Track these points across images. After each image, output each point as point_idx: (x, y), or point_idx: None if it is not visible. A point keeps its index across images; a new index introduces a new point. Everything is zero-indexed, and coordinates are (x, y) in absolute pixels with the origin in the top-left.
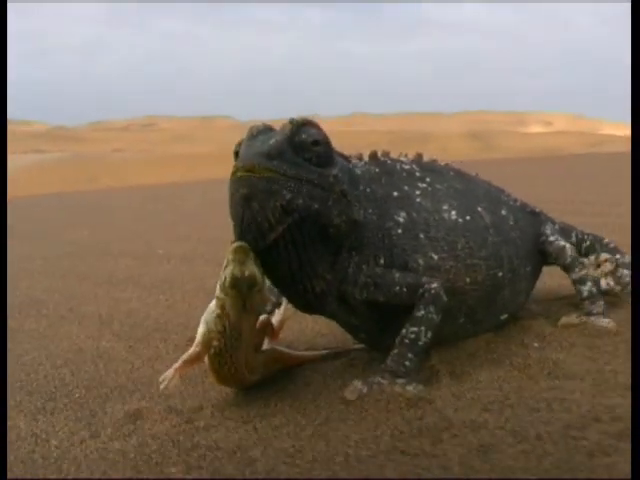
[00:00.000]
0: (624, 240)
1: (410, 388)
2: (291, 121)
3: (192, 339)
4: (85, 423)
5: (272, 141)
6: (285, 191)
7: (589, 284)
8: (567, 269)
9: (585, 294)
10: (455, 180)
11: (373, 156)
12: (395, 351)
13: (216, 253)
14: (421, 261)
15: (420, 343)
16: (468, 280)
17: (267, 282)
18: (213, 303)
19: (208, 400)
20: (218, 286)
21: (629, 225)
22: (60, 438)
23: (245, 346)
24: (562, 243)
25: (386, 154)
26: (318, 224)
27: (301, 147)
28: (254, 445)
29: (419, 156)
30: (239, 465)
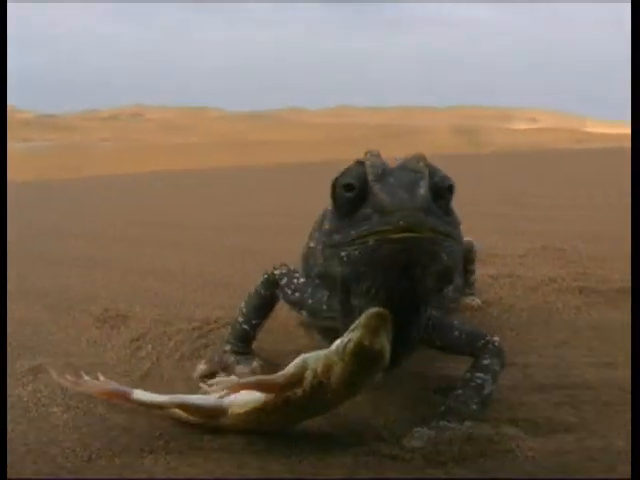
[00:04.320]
0: (613, 232)
1: (484, 431)
2: (418, 159)
3: (109, 309)
4: None
5: (422, 191)
6: (443, 253)
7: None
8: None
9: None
10: None
11: None
12: (459, 392)
13: (168, 236)
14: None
15: (486, 391)
16: None
17: None
18: (321, 352)
19: (103, 359)
20: (335, 345)
21: (609, 217)
22: None
23: (307, 415)
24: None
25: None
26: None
27: (437, 194)
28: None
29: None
30: (109, 406)
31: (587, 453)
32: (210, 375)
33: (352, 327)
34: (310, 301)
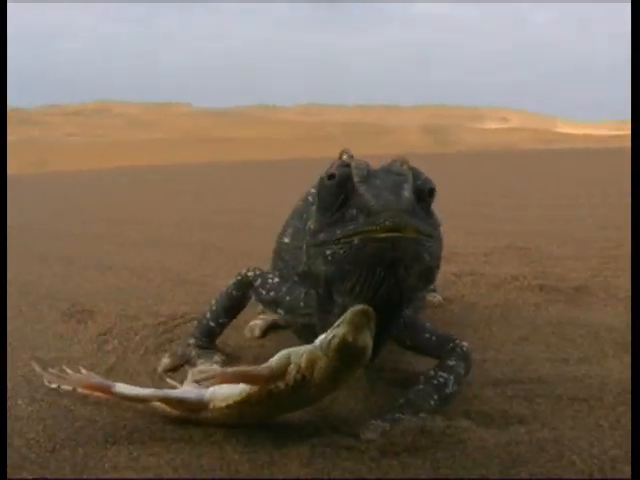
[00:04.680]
0: (576, 232)
1: (437, 423)
2: (402, 162)
3: (75, 304)
4: None
5: (406, 193)
6: (425, 254)
7: None
8: None
9: None
10: None
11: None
12: (420, 387)
13: (131, 233)
14: None
15: (447, 391)
16: None
17: None
18: (304, 346)
19: (70, 353)
20: (319, 340)
21: (574, 217)
22: None
23: (290, 407)
24: None
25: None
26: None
27: (419, 196)
28: None
29: None
30: (74, 398)
31: (538, 444)
32: (173, 369)
33: (337, 323)
34: (288, 298)
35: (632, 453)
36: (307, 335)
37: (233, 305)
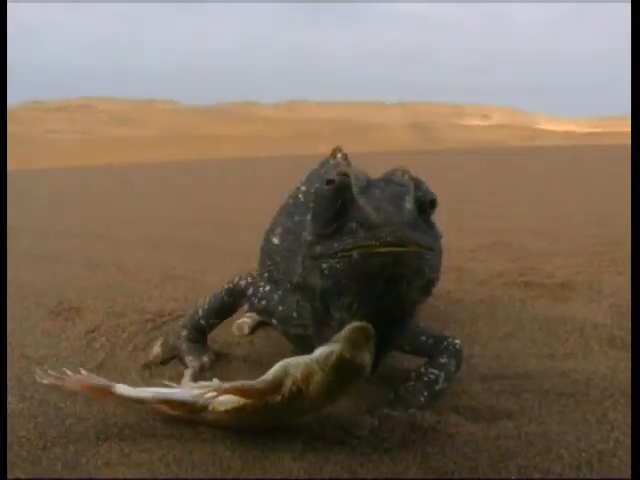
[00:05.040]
0: (563, 229)
1: (426, 418)
2: (403, 172)
3: (63, 302)
4: None
5: (408, 206)
6: (426, 268)
7: None
8: None
9: None
10: None
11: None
12: (411, 384)
13: (117, 231)
14: None
15: (437, 387)
16: None
17: None
18: (302, 358)
19: (58, 350)
20: (317, 353)
21: (560, 214)
22: None
23: (285, 419)
24: None
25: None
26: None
27: (421, 208)
28: None
29: None
30: (65, 396)
31: (526, 438)
32: (163, 361)
33: (334, 339)
34: (280, 308)
35: (632, 454)
36: (301, 345)
37: (224, 309)
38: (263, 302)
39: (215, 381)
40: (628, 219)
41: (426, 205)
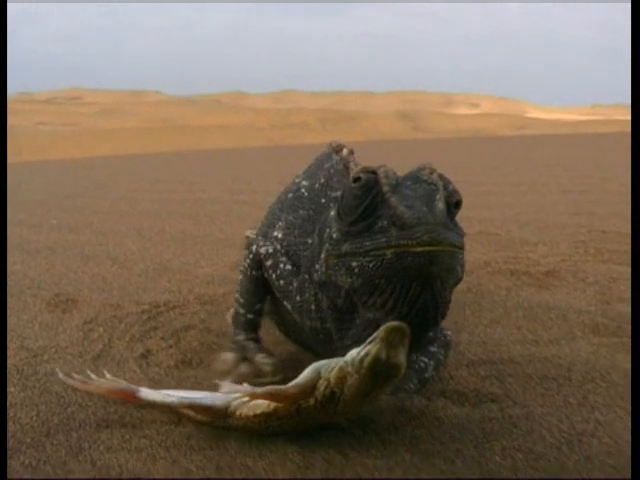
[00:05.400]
0: (548, 218)
1: (415, 402)
2: (431, 170)
3: (59, 294)
4: None
5: (440, 205)
6: (459, 267)
7: None
8: None
9: None
10: None
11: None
12: None
13: (107, 223)
14: None
15: (426, 375)
16: None
17: None
18: (334, 361)
19: (57, 342)
20: (351, 356)
21: (546, 204)
22: None
23: (315, 422)
24: None
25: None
26: None
27: (447, 208)
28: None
29: None
30: (65, 385)
31: (510, 420)
32: (234, 363)
33: (369, 340)
34: (298, 298)
35: (632, 454)
36: (315, 336)
37: (257, 286)
38: (282, 282)
39: (246, 386)
40: (612, 208)
41: (452, 205)
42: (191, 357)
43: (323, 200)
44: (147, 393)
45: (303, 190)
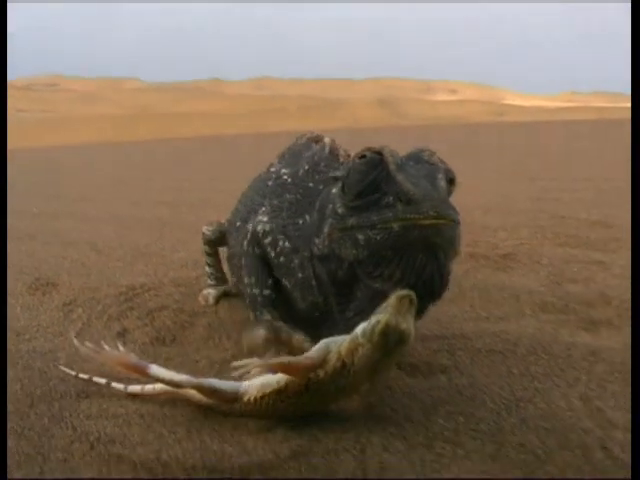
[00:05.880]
0: (511, 204)
1: None
2: (431, 152)
3: (40, 278)
4: None
5: (442, 183)
6: (458, 240)
7: None
8: None
9: None
10: None
11: None
12: None
13: (85, 210)
14: None
15: None
16: None
17: None
18: (343, 337)
19: (38, 322)
20: (361, 327)
21: (515, 191)
22: None
23: (324, 401)
24: None
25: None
26: None
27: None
28: (64, 353)
29: None
30: (47, 360)
31: (456, 389)
32: (264, 343)
33: (379, 309)
34: (300, 275)
35: (632, 453)
36: (313, 312)
37: (263, 262)
38: (282, 259)
39: (256, 359)
40: (575, 194)
41: (448, 183)
42: (165, 335)
43: (311, 184)
44: (157, 370)
45: (285, 177)
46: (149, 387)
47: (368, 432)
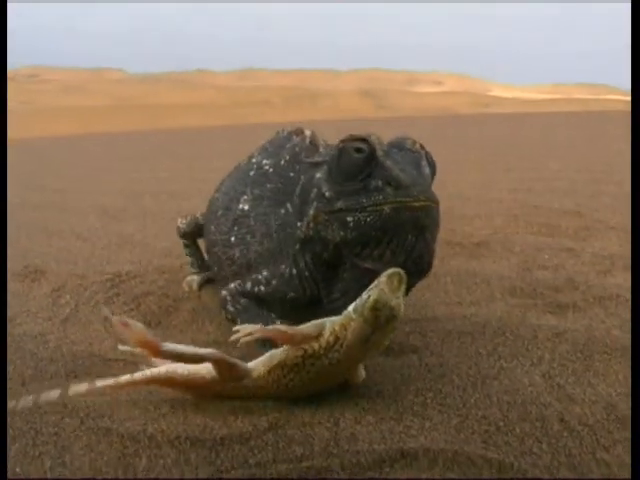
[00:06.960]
0: (487, 194)
1: None
2: (414, 141)
3: (28, 266)
4: None
5: (426, 170)
6: (439, 221)
7: None
8: None
9: None
10: None
11: None
12: None
13: (69, 201)
14: None
15: None
16: None
17: None
18: (338, 316)
19: (28, 307)
20: (353, 305)
21: (492, 182)
22: None
23: (320, 377)
24: None
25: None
26: None
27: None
28: (53, 336)
29: None
30: (37, 343)
31: (426, 368)
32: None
33: (370, 287)
34: (284, 261)
35: (632, 453)
36: (293, 304)
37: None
38: (265, 245)
39: (253, 325)
40: (549, 184)
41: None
42: (150, 319)
43: (292, 174)
44: (169, 346)
45: (267, 167)
46: (138, 374)
47: (341, 407)
